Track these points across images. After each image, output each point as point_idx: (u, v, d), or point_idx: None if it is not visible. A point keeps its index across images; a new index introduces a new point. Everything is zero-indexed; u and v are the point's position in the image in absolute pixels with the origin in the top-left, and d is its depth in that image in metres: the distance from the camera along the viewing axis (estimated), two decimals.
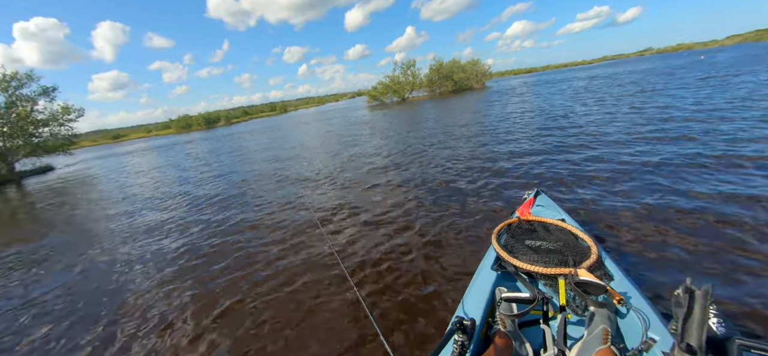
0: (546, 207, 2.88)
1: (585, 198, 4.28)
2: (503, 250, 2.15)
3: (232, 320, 2.94)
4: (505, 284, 2.02)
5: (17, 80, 21.59)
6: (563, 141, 7.56)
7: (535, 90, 25.63)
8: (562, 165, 5.82)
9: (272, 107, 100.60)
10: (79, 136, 26.68)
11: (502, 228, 2.52)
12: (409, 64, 45.02)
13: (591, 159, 5.90)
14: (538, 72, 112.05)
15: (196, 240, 5.00)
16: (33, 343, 3.10)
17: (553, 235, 2.28)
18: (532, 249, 2.16)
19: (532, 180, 5.27)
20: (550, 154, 6.69)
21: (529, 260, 2.00)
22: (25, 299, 4.01)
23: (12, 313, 3.72)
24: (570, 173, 5.34)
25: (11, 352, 3.03)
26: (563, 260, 1.96)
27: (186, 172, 12.45)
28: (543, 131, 9.07)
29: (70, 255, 5.34)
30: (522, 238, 2.33)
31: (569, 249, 2.06)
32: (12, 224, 8.57)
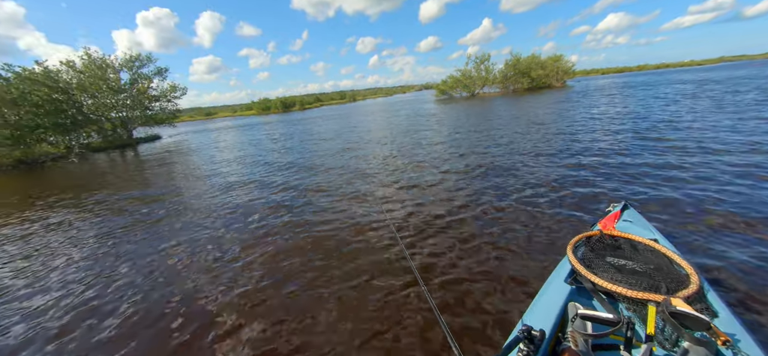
0: (634, 224, 2.61)
1: (685, 220, 3.76)
2: (580, 264, 2.01)
3: (297, 301, 3.18)
4: (580, 300, 1.90)
5: (140, 61, 25.73)
6: (662, 152, 6.68)
7: (628, 92, 22.78)
8: (658, 179, 5.17)
9: (342, 95, 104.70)
10: (181, 111, 30.84)
11: (579, 239, 2.35)
12: (483, 58, 43.28)
13: (698, 177, 5.11)
14: (631, 72, 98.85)
15: (270, 222, 5.29)
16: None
17: (642, 256, 2.07)
18: (615, 267, 1.98)
19: (618, 193, 4.76)
20: (642, 165, 5.97)
21: (610, 278, 1.83)
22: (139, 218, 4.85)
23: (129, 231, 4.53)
24: (668, 189, 4.71)
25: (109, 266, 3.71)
26: (654, 285, 1.75)
27: (267, 154, 13.64)
28: (636, 139, 8.10)
29: (167, 205, 6.44)
30: (603, 254, 2.15)
31: (661, 274, 1.84)
32: (133, 177, 10.38)
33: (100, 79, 23.86)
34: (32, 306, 3.50)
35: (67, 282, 3.96)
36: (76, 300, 3.53)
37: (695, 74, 39.55)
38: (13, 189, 11.18)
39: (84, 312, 3.30)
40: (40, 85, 20.90)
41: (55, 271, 4.31)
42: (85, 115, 23.73)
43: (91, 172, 13.66)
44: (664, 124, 9.39)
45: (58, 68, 23.21)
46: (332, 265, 3.65)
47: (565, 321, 1.75)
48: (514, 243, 3.63)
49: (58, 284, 3.95)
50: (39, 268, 4.45)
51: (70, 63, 23.70)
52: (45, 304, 3.52)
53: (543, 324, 1.63)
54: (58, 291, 3.78)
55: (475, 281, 3.04)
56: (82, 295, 3.63)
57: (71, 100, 22.82)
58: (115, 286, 3.75)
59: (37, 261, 4.68)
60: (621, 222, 2.67)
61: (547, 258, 3.26)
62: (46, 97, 20.73)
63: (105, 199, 7.97)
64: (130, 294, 3.55)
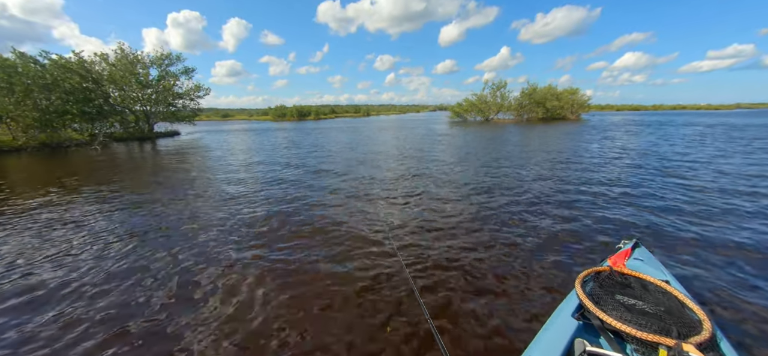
0: (646, 263, 2.56)
1: (699, 263, 3.73)
2: (588, 299, 1.97)
3: (296, 299, 3.35)
4: (587, 337, 1.86)
5: (169, 59, 26.75)
6: (679, 193, 6.65)
7: (644, 130, 22.75)
8: (674, 220, 5.15)
9: (356, 109, 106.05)
10: (201, 110, 31.72)
11: (588, 274, 2.31)
12: (499, 85, 43.75)
13: (715, 219, 5.10)
14: (647, 111, 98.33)
15: (277, 229, 5.31)
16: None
17: (653, 297, 2.03)
18: (624, 306, 1.94)
19: (628, 230, 4.75)
20: (657, 204, 5.94)
21: (619, 317, 1.79)
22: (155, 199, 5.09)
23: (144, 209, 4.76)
24: (683, 231, 4.70)
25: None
26: (664, 328, 1.71)
27: (290, 160, 13.95)
28: (649, 177, 8.11)
29: (178, 196, 6.68)
30: (612, 291, 2.12)
31: (672, 317, 1.80)
32: (150, 168, 10.73)
33: (130, 73, 24.82)
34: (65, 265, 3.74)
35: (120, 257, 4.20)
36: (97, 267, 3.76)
37: (713, 118, 39.29)
38: (45, 170, 11.66)
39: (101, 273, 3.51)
40: (73, 73, 21.83)
41: (99, 235, 4.56)
42: (111, 105, 24.61)
43: (112, 160, 14.15)
44: (685, 165, 9.41)
45: (91, 59, 24.27)
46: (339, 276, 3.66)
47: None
48: (519, 272, 3.62)
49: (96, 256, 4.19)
50: (81, 231, 4.71)
51: (104, 55, 24.77)
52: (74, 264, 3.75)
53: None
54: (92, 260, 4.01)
55: (475, 306, 3.01)
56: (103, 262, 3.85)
57: (100, 90, 23.74)
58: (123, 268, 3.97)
59: (76, 230, 4.94)
60: (632, 260, 2.61)
61: (552, 291, 3.25)
62: (77, 85, 21.62)
63: (123, 189, 8.30)
64: (132, 277, 3.75)
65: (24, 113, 19.44)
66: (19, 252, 4.46)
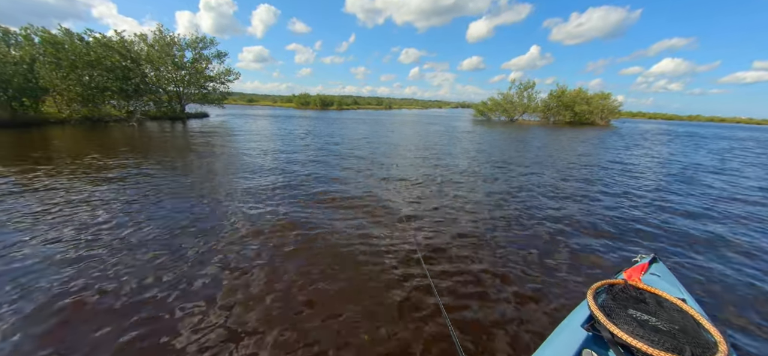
0: (662, 279, 2.52)
1: (719, 284, 3.67)
2: (600, 311, 1.94)
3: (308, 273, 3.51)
4: (596, 349, 1.84)
5: (204, 43, 27.57)
6: (707, 210, 6.42)
7: (680, 141, 21.85)
8: (695, 236, 5.01)
9: (379, 102, 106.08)
10: (231, 94, 32.57)
11: (601, 286, 2.27)
12: (527, 85, 42.72)
13: (740, 243, 4.88)
14: (681, 121, 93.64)
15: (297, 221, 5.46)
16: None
17: (668, 314, 1.99)
18: (637, 321, 1.91)
19: (646, 244, 4.68)
20: (681, 220, 5.77)
21: (631, 332, 1.76)
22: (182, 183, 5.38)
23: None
24: (706, 250, 4.56)
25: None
26: (678, 347, 1.68)
27: (316, 148, 14.25)
28: (679, 191, 7.87)
29: (204, 175, 7.15)
30: (625, 304, 2.09)
31: (686, 337, 1.77)
32: (180, 146, 11.21)
33: (166, 54, 25.76)
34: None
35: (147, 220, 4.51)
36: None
37: (756, 132, 37.12)
38: (90, 140, 12.40)
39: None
40: (114, 52, 22.85)
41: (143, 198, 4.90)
42: (146, 84, 25.66)
43: (153, 136, 14.84)
44: (719, 182, 9.04)
45: (131, 39, 25.31)
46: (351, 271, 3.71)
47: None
48: (529, 280, 3.62)
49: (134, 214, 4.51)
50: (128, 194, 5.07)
51: (143, 36, 25.77)
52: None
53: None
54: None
55: (487, 308, 3.08)
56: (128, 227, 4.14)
57: (138, 69, 24.77)
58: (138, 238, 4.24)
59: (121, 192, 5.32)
60: (648, 274, 2.56)
61: (562, 300, 3.26)
62: (117, 63, 22.63)
63: (160, 160, 8.75)
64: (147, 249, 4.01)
65: (69, 87, 20.57)
66: (129, 200, 4.85)
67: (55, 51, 19.66)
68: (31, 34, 20.47)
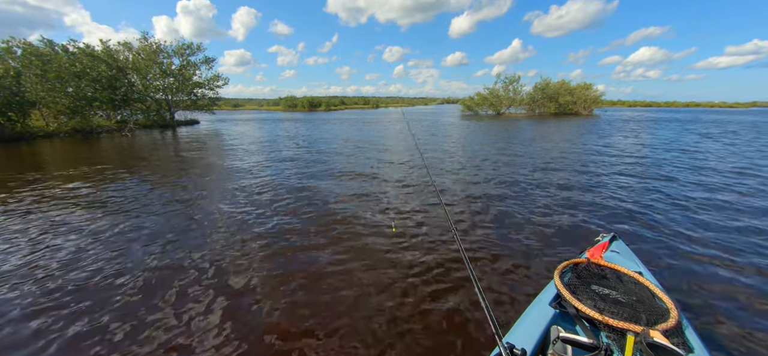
0: (621, 255, 2.71)
1: (674, 256, 4.01)
2: (566, 289, 2.07)
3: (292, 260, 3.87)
4: (563, 324, 1.95)
5: (191, 49, 27.34)
6: (669, 190, 6.85)
7: (657, 127, 22.86)
8: (653, 214, 5.41)
9: (366, 101, 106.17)
10: (221, 99, 32.36)
11: (566, 266, 2.42)
12: (512, 79, 43.69)
13: (697, 218, 5.30)
14: (659, 108, 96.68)
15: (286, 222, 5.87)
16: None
17: (626, 287, 2.15)
18: (599, 295, 2.07)
19: (610, 224, 5.01)
20: (643, 200, 6.22)
21: (593, 306, 1.90)
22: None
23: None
24: (662, 225, 4.95)
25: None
26: (634, 316, 1.83)
27: (314, 151, 14.45)
28: (645, 173, 8.44)
29: (196, 178, 7.34)
30: (588, 281, 2.24)
31: (643, 306, 1.93)
32: (172, 155, 11.34)
33: (153, 61, 25.47)
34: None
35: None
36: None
37: (729, 116, 38.93)
38: (81, 153, 12.35)
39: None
40: (101, 62, 22.53)
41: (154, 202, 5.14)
42: (134, 93, 25.33)
43: (141, 146, 14.80)
44: (684, 166, 9.41)
45: (116, 48, 24.95)
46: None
47: (546, 343, 1.81)
48: (499, 264, 3.82)
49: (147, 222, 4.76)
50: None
51: (128, 44, 25.42)
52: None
53: (524, 343, 1.72)
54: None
55: (454, 298, 3.20)
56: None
57: (125, 78, 24.44)
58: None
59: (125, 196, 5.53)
60: (609, 252, 2.73)
61: (533, 280, 3.49)
62: (104, 73, 22.33)
63: (156, 170, 8.90)
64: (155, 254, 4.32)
65: (55, 100, 20.22)
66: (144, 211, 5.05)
67: (42, 63, 19.30)
68: (13, 46, 20.02)
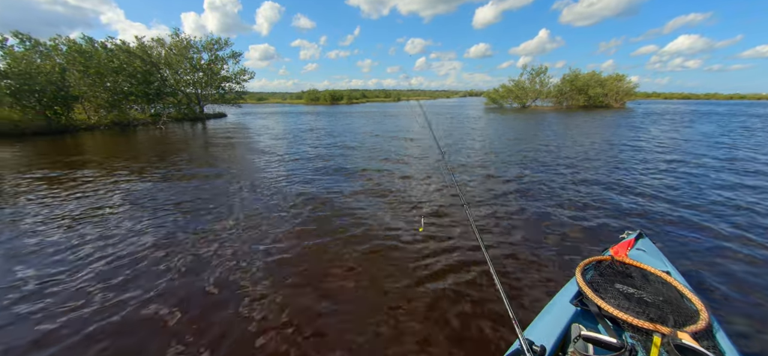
0: (648, 254, 2.59)
1: (706, 257, 3.79)
2: (588, 287, 2.00)
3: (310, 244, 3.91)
4: (584, 323, 1.92)
5: (219, 44, 28.25)
6: (704, 188, 6.42)
7: (694, 119, 21.49)
8: (685, 212, 5.11)
9: (387, 94, 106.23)
10: (247, 93, 33.30)
11: (589, 263, 2.34)
12: (539, 71, 42.39)
13: (730, 218, 4.91)
14: (698, 100, 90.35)
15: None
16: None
17: (653, 286, 2.06)
18: (624, 294, 1.98)
19: (636, 221, 4.78)
20: (673, 196, 5.86)
21: (617, 305, 1.83)
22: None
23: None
24: (693, 224, 4.67)
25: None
26: (661, 316, 1.74)
27: (342, 145, 14.65)
28: (678, 168, 7.97)
29: (230, 168, 7.61)
30: (612, 280, 2.16)
31: (670, 307, 1.84)
32: (203, 144, 11.80)
33: (183, 57, 26.51)
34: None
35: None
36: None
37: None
38: (130, 145, 13.09)
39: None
40: (136, 57, 23.64)
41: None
42: (166, 87, 26.47)
43: (177, 138, 15.48)
44: (722, 162, 8.71)
45: (149, 44, 26.10)
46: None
47: (566, 341, 1.76)
48: (521, 259, 3.76)
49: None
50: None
51: (161, 40, 26.56)
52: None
53: (544, 340, 1.66)
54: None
55: (476, 292, 3.18)
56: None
57: (158, 72, 25.55)
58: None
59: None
60: (634, 250, 2.63)
61: (553, 278, 3.40)
62: (139, 68, 23.43)
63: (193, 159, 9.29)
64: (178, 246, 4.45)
65: (96, 94, 21.44)
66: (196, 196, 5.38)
67: (84, 59, 20.47)
68: (59, 44, 21.32)
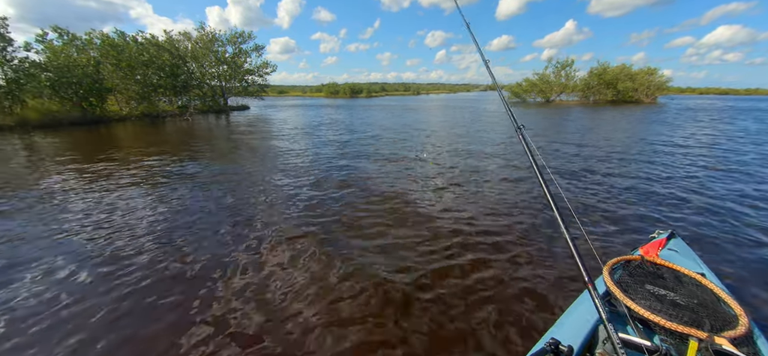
0: (680, 254, 2.49)
1: (746, 258, 3.59)
2: (616, 287, 1.92)
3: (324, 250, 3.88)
4: (612, 324, 1.83)
5: (243, 37, 28.84)
6: (742, 186, 6.11)
7: (733, 115, 20.22)
8: (722, 212, 4.87)
9: (406, 88, 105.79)
10: (268, 86, 33.88)
11: (617, 262, 2.26)
12: (565, 64, 41.02)
13: None
14: (738, 95, 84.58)
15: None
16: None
17: (686, 288, 1.95)
18: (655, 296, 1.88)
19: (668, 220, 4.57)
20: (709, 195, 5.61)
21: (648, 307, 1.73)
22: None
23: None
24: (731, 224, 4.44)
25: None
26: (696, 320, 1.63)
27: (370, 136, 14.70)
28: (714, 166, 7.59)
29: (248, 161, 7.77)
30: (641, 280, 2.06)
31: (706, 310, 1.74)
32: (228, 137, 12.07)
33: (209, 50, 27.20)
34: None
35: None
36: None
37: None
38: (165, 134, 13.60)
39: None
40: (164, 51, 24.43)
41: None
42: (192, 79, 27.29)
43: (204, 129, 15.94)
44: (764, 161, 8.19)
45: (177, 38, 26.92)
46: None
47: (593, 342, 1.70)
48: (545, 257, 3.68)
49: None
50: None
51: (187, 34, 27.36)
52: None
53: (571, 340, 1.61)
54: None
55: (501, 287, 3.16)
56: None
57: (185, 65, 26.34)
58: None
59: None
60: (665, 250, 2.51)
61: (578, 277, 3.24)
62: (167, 61, 24.22)
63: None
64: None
65: (127, 87, 22.35)
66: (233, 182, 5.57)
67: (116, 53, 21.33)
68: (93, 38, 22.29)
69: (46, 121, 17.87)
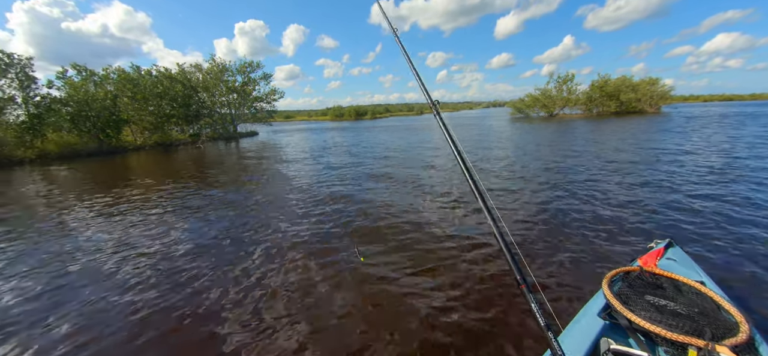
0: (679, 263, 2.47)
1: (745, 266, 3.54)
2: (616, 299, 1.92)
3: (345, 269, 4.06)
4: (613, 336, 1.82)
5: (251, 67, 29.95)
6: (744, 193, 6.04)
7: (739, 122, 20.19)
8: (720, 219, 4.84)
9: (410, 108, 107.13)
10: (276, 112, 34.80)
11: (616, 274, 2.26)
12: (566, 78, 41.50)
13: None
14: (742, 101, 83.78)
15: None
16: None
17: (686, 297, 1.95)
18: (655, 306, 1.88)
19: (666, 229, 4.54)
20: (709, 203, 5.55)
21: (648, 318, 1.74)
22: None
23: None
24: (730, 231, 4.40)
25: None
26: (697, 329, 1.63)
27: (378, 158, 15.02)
28: (715, 172, 7.61)
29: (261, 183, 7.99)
30: (641, 291, 2.06)
31: (706, 319, 1.73)
32: (238, 162, 12.44)
33: (219, 80, 28.24)
34: None
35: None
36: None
37: None
38: (180, 163, 14.07)
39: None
40: (177, 82, 25.41)
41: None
42: (203, 108, 28.20)
43: (216, 156, 16.43)
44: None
45: (189, 69, 28.04)
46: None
47: (595, 355, 1.73)
48: (546, 271, 3.64)
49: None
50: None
51: (198, 66, 28.51)
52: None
53: (573, 353, 1.62)
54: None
55: (497, 306, 3.09)
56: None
57: (196, 95, 27.30)
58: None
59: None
60: (664, 260, 2.51)
61: (580, 290, 3.25)
62: (180, 92, 25.15)
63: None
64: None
65: (142, 118, 23.19)
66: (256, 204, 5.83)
67: (132, 86, 22.27)
68: (110, 73, 23.34)
69: (64, 152, 18.60)
